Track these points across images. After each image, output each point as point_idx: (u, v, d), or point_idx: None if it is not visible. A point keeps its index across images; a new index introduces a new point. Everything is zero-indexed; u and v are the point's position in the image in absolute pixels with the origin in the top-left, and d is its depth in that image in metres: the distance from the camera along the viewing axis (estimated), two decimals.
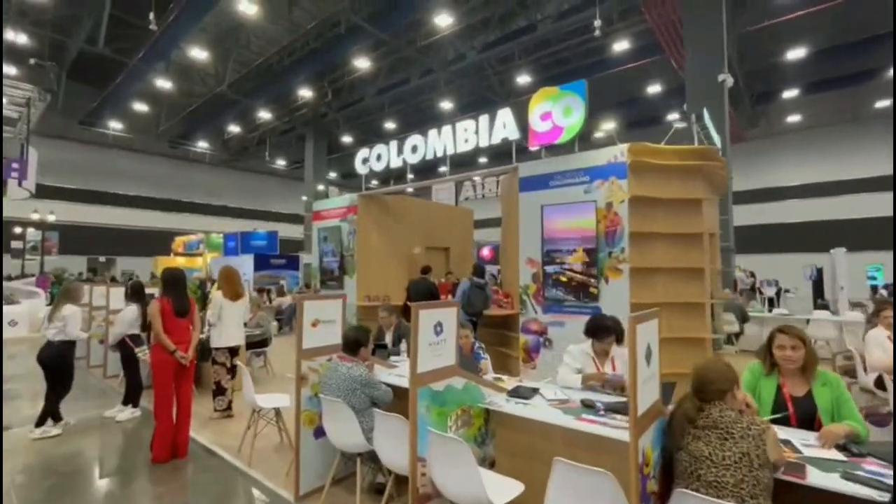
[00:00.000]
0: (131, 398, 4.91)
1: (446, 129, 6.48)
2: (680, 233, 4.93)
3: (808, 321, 7.75)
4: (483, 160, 21.43)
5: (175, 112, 20.64)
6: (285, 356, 7.80)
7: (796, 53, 14.76)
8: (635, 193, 4.87)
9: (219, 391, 4.77)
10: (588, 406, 2.74)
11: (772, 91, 17.12)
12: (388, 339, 4.64)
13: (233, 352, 4.84)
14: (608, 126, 18.92)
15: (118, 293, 6.14)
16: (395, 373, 3.52)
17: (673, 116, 17.97)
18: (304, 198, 22.36)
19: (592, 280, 5.11)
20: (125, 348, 4.85)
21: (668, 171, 4.95)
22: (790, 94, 16.79)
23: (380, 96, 19.44)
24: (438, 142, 6.56)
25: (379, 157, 7.39)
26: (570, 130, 5.36)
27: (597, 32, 12.44)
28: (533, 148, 5.91)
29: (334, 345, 3.38)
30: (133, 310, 4.95)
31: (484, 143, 6.05)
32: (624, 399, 2.76)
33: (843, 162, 19.21)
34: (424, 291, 6.77)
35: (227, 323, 4.77)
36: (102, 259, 21.93)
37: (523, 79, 17.49)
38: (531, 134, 5.68)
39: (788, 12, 13.13)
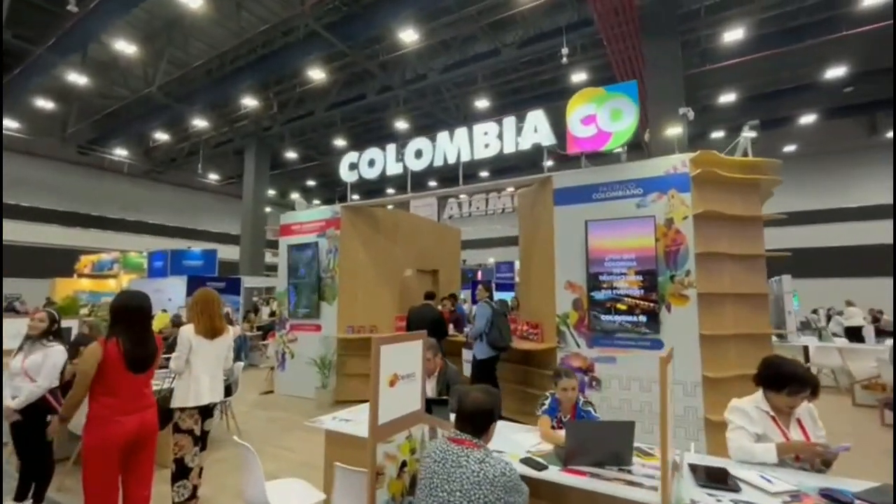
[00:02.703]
0: (35, 490, 3.15)
1: (460, 132, 5.47)
2: (745, 254, 4.28)
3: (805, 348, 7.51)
4: (484, 173, 20.12)
5: (88, 113, 17.56)
6: (244, 404, 6.10)
7: (728, 97, 15.81)
8: (701, 209, 4.16)
9: (180, 473, 3.19)
10: (836, 501, 1.79)
11: (704, 132, 18.26)
12: (431, 388, 3.41)
13: (205, 413, 3.30)
14: None
15: (15, 328, 4.25)
16: None
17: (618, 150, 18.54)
18: (268, 209, 20.02)
19: (653, 307, 4.27)
20: (41, 411, 3.09)
21: (730, 184, 4.32)
22: (717, 134, 18.00)
23: (330, 112, 18.02)
24: (451, 146, 5.51)
25: (372, 163, 6.16)
26: (618, 136, 4.59)
27: (564, 60, 12.29)
28: (559, 155, 5.09)
29: (414, 412, 2.15)
30: (61, 352, 3.22)
31: (510, 149, 5.12)
32: (878, 485, 1.85)
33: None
34: (430, 321, 5.56)
35: (198, 371, 3.24)
36: None
37: (481, 103, 17.08)
38: (570, 140, 4.85)
39: (725, 59, 13.97)
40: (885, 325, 9.86)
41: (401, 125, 18.77)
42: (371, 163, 6.18)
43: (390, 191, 22.56)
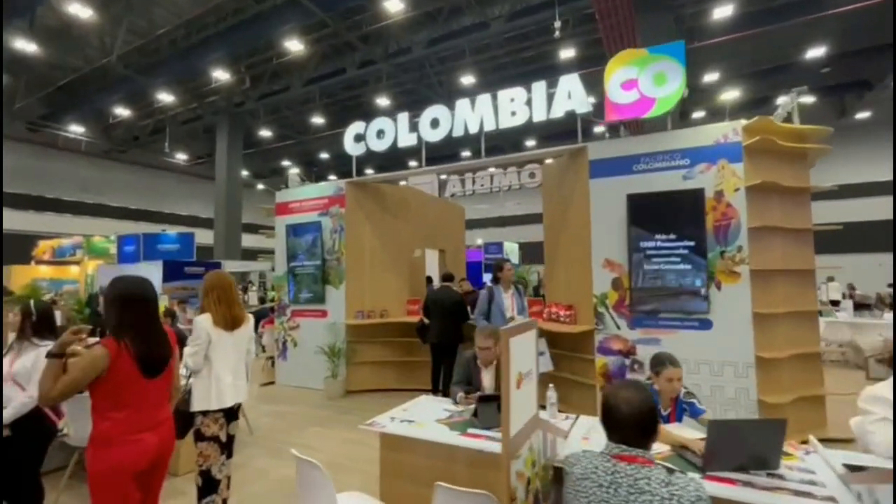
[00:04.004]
0: None
1: (483, 98, 4.97)
2: (795, 228, 4.04)
3: None
4: (466, 153, 19.36)
5: (38, 86, 15.81)
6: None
7: (711, 76, 15.76)
8: (754, 181, 3.87)
9: (208, 487, 2.68)
10: None
11: (685, 111, 18.26)
12: (487, 382, 3.00)
13: (229, 415, 2.78)
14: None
15: None
16: None
17: (599, 129, 18.30)
18: (260, 185, 18.77)
19: (702, 285, 3.99)
20: (34, 427, 2.49)
21: (781, 154, 4.04)
22: (699, 114, 18.04)
23: (308, 87, 16.90)
24: (472, 115, 5.01)
25: (381, 134, 5.57)
26: (663, 102, 4.22)
27: (556, 34, 11.82)
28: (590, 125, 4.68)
29: (532, 417, 1.73)
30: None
31: (540, 117, 4.67)
32: None
33: None
34: (451, 304, 5.13)
35: (219, 369, 2.70)
36: None
37: (467, 79, 16.41)
38: (608, 106, 4.44)
39: (712, 37, 13.83)
40: (861, 299, 10.18)
41: (382, 102, 17.88)
42: (380, 133, 5.59)
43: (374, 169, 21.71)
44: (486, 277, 12.84)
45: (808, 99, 4.14)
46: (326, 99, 18.21)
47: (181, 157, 22.66)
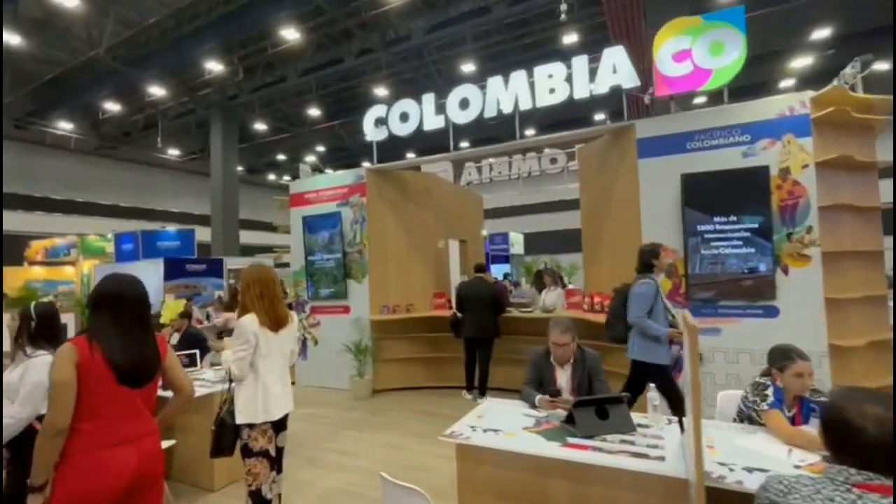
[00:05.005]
0: None
1: (517, 75, 4.59)
2: (865, 206, 3.74)
3: None
4: (465, 144, 18.89)
5: (23, 81, 15.03)
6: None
7: None
8: (825, 156, 3.55)
9: None
10: None
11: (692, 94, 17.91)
12: (563, 382, 2.66)
13: (278, 426, 2.41)
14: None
15: None
16: None
17: (600, 117, 17.91)
18: (272, 176, 18.29)
19: (767, 270, 3.68)
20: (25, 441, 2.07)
21: (851, 127, 3.73)
22: (700, 99, 17.76)
23: (304, 78, 16.29)
24: (505, 94, 4.63)
25: (405, 117, 5.17)
26: (721, 74, 3.87)
27: (562, 17, 11.42)
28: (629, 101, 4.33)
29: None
30: (45, 365, 2.18)
31: (582, 94, 4.31)
32: None
33: None
34: (488, 297, 4.79)
35: (266, 376, 2.34)
36: None
37: (467, 67, 15.93)
38: (658, 80, 4.09)
39: None
40: None
41: (380, 92, 17.33)
42: (404, 116, 5.19)
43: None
44: (493, 269, 12.48)
45: (883, 66, 3.77)
46: (321, 91, 17.62)
47: (173, 152, 21.93)
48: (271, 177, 27.20)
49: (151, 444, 1.68)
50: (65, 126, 18.22)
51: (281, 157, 24.64)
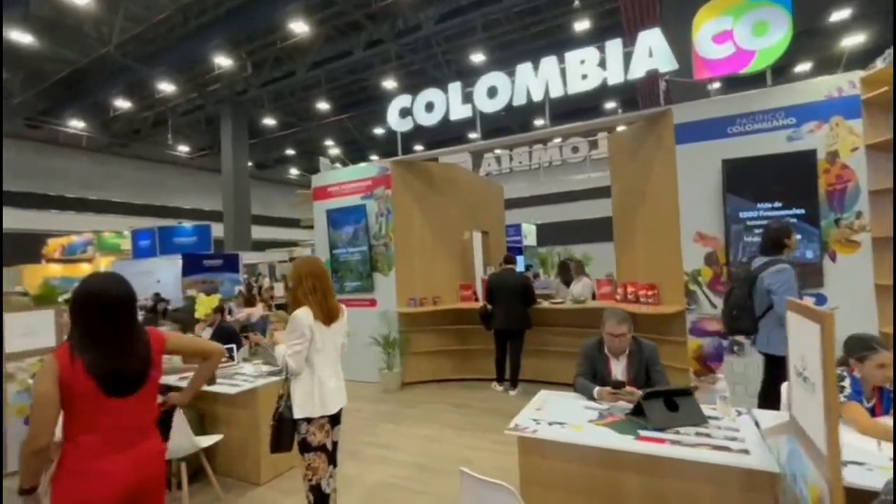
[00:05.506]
0: None
1: (548, 61, 4.47)
2: None
3: None
4: (474, 135, 18.70)
5: (36, 81, 15.01)
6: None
7: None
8: (876, 138, 3.43)
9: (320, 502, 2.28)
10: None
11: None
12: (619, 373, 2.59)
13: (333, 422, 2.37)
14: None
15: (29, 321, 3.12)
16: None
17: (611, 105, 17.62)
18: (294, 171, 18.13)
19: (814, 257, 3.58)
20: None
21: None
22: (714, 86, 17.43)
23: (312, 72, 16.14)
24: (535, 80, 4.51)
25: (430, 107, 5.07)
26: (765, 55, 3.74)
27: (576, 3, 11.22)
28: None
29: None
30: None
31: (616, 79, 4.19)
32: None
33: None
34: (519, 288, 4.72)
35: (321, 370, 2.30)
36: None
37: (477, 57, 15.70)
38: (697, 63, 3.96)
39: None
40: None
41: (389, 84, 17.16)
42: (429, 106, 5.09)
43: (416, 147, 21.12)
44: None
45: None
46: (329, 84, 17.47)
47: (183, 149, 21.93)
48: (283, 172, 27.17)
49: (150, 457, 1.60)
50: (76, 124, 18.25)
51: (289, 151, 24.56)
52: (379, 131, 21.46)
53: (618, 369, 2.59)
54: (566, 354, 4.98)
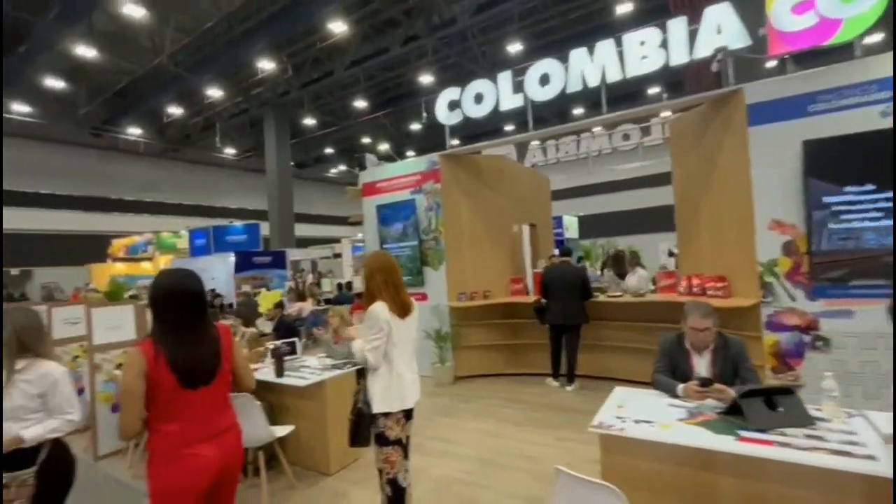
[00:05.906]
0: None
1: (604, 45, 4.28)
2: None
3: None
4: (510, 127, 18.73)
5: (98, 92, 16.02)
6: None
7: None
8: None
9: (398, 497, 2.27)
10: None
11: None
12: (703, 370, 2.44)
13: (408, 415, 2.37)
14: None
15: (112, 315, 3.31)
16: None
17: (654, 90, 16.84)
18: (342, 167, 18.88)
19: None
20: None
21: None
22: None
23: (351, 70, 16.34)
24: (590, 66, 4.33)
25: (479, 98, 4.99)
26: (854, 24, 3.41)
27: None
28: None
29: None
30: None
31: (680, 60, 3.95)
32: None
33: None
34: (577, 281, 4.59)
35: (398, 364, 2.28)
36: (15, 272, 16.85)
37: (513, 47, 15.38)
38: (772, 36, 3.67)
39: None
40: None
41: (425, 80, 17.13)
42: (478, 98, 5.00)
43: (452, 141, 21.22)
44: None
45: None
46: (368, 82, 17.65)
47: (230, 151, 22.84)
48: (322, 171, 27.84)
49: (231, 440, 1.70)
50: (134, 131, 19.36)
51: (328, 150, 25.10)
52: (415, 127, 21.56)
53: (701, 365, 2.44)
54: (623, 349, 4.81)
